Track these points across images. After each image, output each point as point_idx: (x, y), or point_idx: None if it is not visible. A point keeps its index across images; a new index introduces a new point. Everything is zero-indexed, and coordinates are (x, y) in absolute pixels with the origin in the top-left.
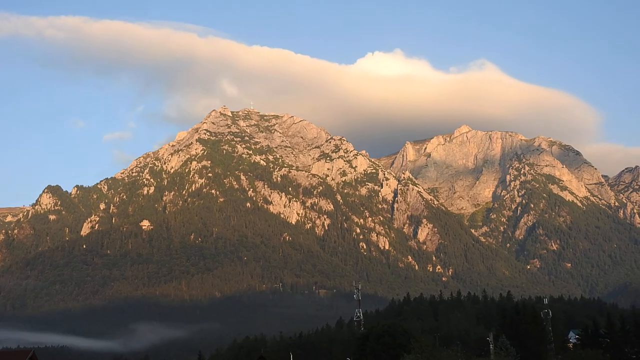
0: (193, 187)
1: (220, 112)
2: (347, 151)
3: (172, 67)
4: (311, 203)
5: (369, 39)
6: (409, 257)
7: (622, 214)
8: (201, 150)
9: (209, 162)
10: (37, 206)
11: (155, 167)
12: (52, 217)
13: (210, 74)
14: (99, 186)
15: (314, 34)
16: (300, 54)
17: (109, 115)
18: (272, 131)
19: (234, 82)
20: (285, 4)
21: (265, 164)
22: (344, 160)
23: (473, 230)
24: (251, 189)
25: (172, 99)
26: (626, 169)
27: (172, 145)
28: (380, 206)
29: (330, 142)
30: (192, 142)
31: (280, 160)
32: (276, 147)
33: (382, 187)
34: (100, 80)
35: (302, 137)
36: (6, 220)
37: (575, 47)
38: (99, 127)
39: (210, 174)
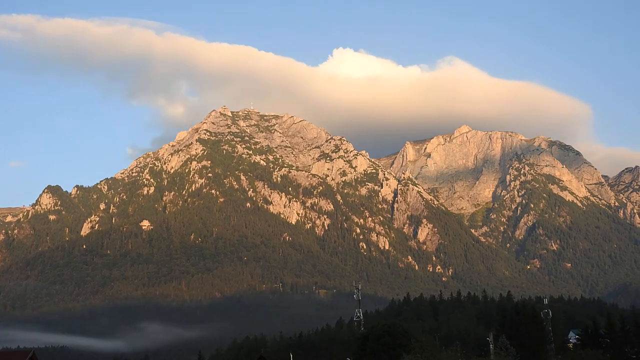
0: (193, 187)
1: (220, 112)
2: (347, 151)
3: (130, 68)
4: (311, 203)
5: (335, 36)
6: (409, 257)
7: (622, 214)
8: (201, 150)
9: (209, 162)
10: (37, 206)
11: (155, 167)
12: (52, 217)
13: (169, 74)
14: (99, 186)
15: (279, 30)
16: (263, 51)
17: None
18: (272, 131)
19: (194, 83)
20: None
21: (265, 164)
22: (344, 160)
23: (473, 230)
24: (251, 189)
25: (132, 105)
26: (626, 169)
27: (172, 146)
28: (380, 206)
29: (330, 142)
30: (192, 142)
31: (280, 160)
32: (276, 147)
33: (382, 187)
34: (61, 83)
35: (302, 137)
36: (6, 220)
37: (575, 47)
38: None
39: (210, 174)
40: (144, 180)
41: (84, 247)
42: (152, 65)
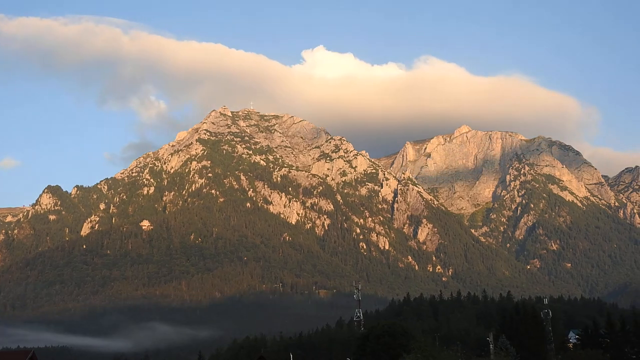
0: (193, 187)
1: (220, 112)
2: (347, 151)
3: (100, 70)
4: (311, 203)
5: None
6: (409, 257)
7: (622, 214)
8: (201, 151)
9: (209, 162)
10: (37, 206)
11: (155, 167)
12: (52, 217)
13: (139, 76)
14: (99, 186)
15: (247, 26)
16: (234, 49)
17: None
18: (272, 131)
19: (164, 84)
20: None
21: (265, 164)
22: (344, 160)
23: (473, 230)
24: (251, 189)
25: (104, 110)
26: (626, 169)
27: (172, 146)
28: (380, 206)
29: (330, 142)
30: (192, 142)
31: (280, 160)
32: (276, 147)
33: (382, 187)
34: (30, 85)
35: (302, 137)
36: (6, 220)
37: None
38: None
39: (210, 174)
40: (144, 180)
41: (84, 247)
42: (121, 67)
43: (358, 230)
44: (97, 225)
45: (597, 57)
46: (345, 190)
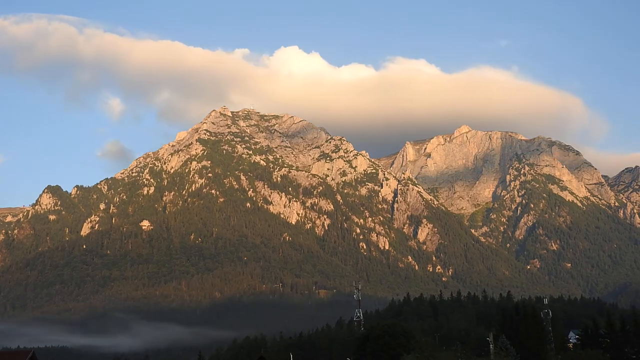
0: (193, 187)
1: (220, 112)
2: (347, 151)
3: (57, 71)
4: (311, 203)
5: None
6: (409, 257)
7: (622, 214)
8: (201, 151)
9: (209, 162)
10: (37, 206)
11: (155, 167)
12: (52, 217)
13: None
14: (99, 186)
15: (204, 22)
16: (192, 47)
17: None
18: (272, 131)
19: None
20: None
21: (265, 164)
22: (344, 160)
23: (473, 230)
24: (251, 189)
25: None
26: (626, 169)
27: (172, 146)
28: (380, 206)
29: (330, 142)
30: (192, 142)
31: (280, 160)
32: (276, 147)
33: (382, 187)
34: None
35: (302, 137)
36: (6, 220)
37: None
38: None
39: (210, 174)
40: (144, 180)
41: (84, 247)
42: (78, 68)
43: (358, 230)
44: (97, 225)
45: (599, 56)
46: (345, 190)
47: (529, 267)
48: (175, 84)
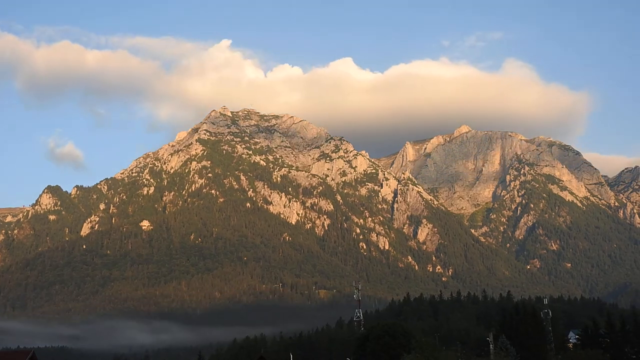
0: (193, 187)
1: (220, 112)
2: (347, 151)
3: None
4: (311, 203)
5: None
6: (409, 257)
7: (622, 214)
8: (201, 151)
9: (209, 162)
10: (37, 206)
11: (155, 168)
12: (52, 217)
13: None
14: (98, 186)
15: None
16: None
17: None
18: (272, 131)
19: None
20: None
21: (265, 164)
22: (344, 161)
23: (473, 230)
24: (251, 189)
25: None
26: (626, 169)
27: (172, 146)
28: (380, 206)
29: (330, 142)
30: (192, 142)
31: (280, 160)
32: (276, 147)
33: (382, 187)
34: None
35: (302, 137)
36: (6, 221)
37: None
38: None
39: (210, 174)
40: (144, 180)
41: (84, 247)
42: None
43: (358, 230)
44: (97, 225)
45: (600, 56)
46: (345, 191)
47: (529, 267)
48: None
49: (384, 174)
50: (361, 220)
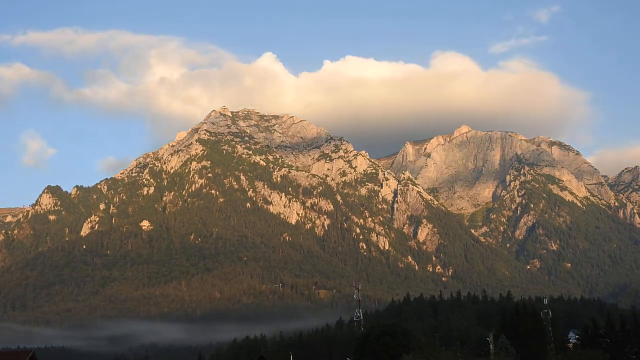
0: (193, 187)
1: (220, 112)
2: (347, 151)
3: None
4: (311, 203)
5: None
6: (409, 257)
7: (622, 214)
8: (201, 151)
9: (209, 162)
10: (37, 206)
11: (155, 168)
12: (52, 217)
13: None
14: (98, 186)
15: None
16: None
17: None
18: (272, 131)
19: None
20: None
21: (265, 164)
22: (344, 161)
23: (473, 231)
24: (251, 189)
25: None
26: (626, 169)
27: (172, 146)
28: (380, 206)
29: (330, 142)
30: (191, 143)
31: (280, 160)
32: (276, 147)
33: (382, 187)
34: None
35: (302, 137)
36: (6, 221)
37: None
38: None
39: (210, 174)
40: (144, 180)
41: (84, 247)
42: None
43: (358, 230)
44: (97, 225)
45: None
46: (345, 191)
47: (529, 267)
48: None
49: (384, 174)
50: (361, 220)
